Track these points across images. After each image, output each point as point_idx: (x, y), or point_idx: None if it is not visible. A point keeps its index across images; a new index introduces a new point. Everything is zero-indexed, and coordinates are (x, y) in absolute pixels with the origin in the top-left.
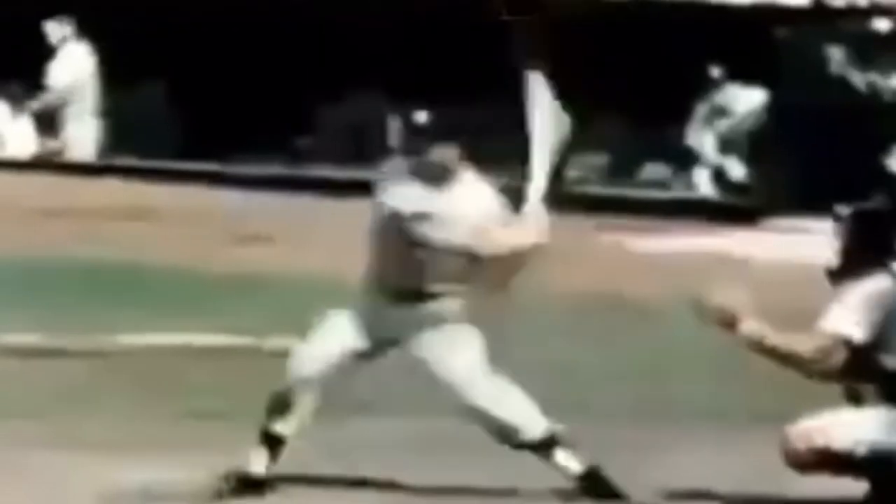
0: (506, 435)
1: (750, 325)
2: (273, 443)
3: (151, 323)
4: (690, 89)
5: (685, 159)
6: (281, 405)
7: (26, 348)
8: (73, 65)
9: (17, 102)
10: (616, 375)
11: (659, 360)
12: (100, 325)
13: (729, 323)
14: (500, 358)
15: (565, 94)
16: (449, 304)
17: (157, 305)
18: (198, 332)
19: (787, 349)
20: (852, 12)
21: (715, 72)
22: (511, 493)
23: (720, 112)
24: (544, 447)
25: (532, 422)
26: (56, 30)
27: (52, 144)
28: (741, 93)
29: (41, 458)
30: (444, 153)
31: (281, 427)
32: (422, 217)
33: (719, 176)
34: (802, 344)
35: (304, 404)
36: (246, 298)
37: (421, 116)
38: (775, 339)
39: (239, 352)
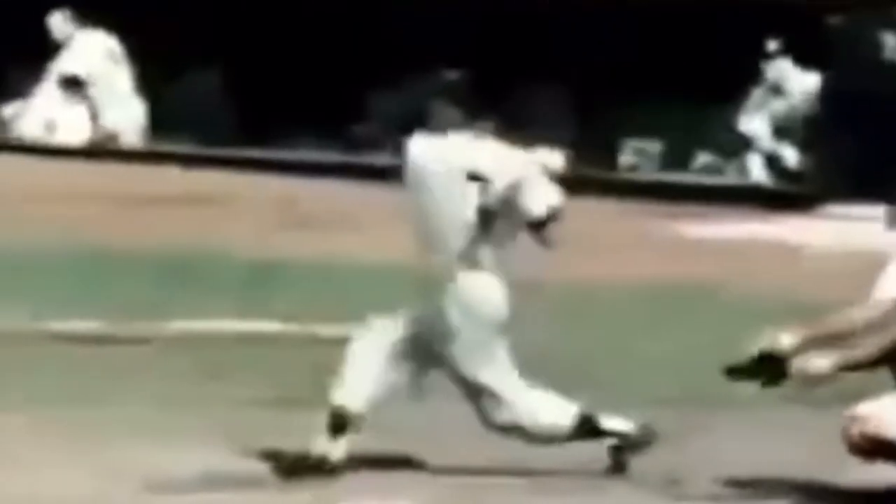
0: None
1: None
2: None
3: (208, 309)
4: (744, 75)
5: (738, 145)
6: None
7: (83, 335)
8: (86, 55)
9: (70, 91)
10: (671, 361)
11: (714, 345)
12: (156, 312)
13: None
14: (555, 344)
15: (615, 79)
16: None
17: (214, 292)
18: (255, 318)
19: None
20: None
21: (772, 45)
22: (564, 472)
23: (775, 90)
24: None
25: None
26: (60, 24)
27: (107, 131)
28: (795, 73)
29: (97, 444)
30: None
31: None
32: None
33: (772, 162)
34: (850, 321)
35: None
36: (302, 285)
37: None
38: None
39: (296, 338)
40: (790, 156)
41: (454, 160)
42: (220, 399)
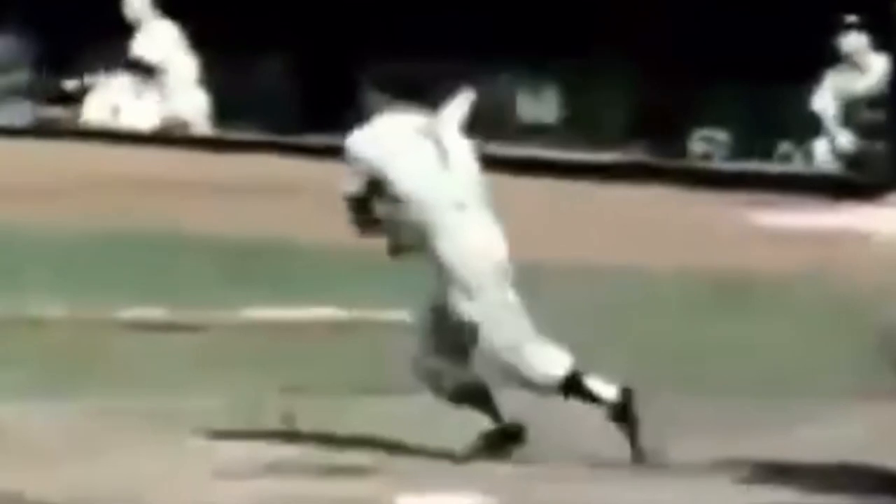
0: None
1: None
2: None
3: (275, 297)
4: (814, 60)
5: (808, 132)
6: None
7: (150, 323)
8: (158, 42)
9: (143, 77)
10: (740, 350)
11: (786, 334)
12: (223, 299)
13: None
14: (625, 331)
15: (686, 66)
16: None
17: (281, 279)
18: (321, 305)
19: None
20: None
21: (850, 18)
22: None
23: (850, 64)
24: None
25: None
26: (137, 5)
27: (177, 118)
28: (869, 52)
29: (162, 431)
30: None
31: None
32: None
33: (839, 150)
34: None
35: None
36: (368, 272)
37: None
38: None
39: (361, 325)
40: (855, 143)
41: (418, 126)
42: (287, 387)
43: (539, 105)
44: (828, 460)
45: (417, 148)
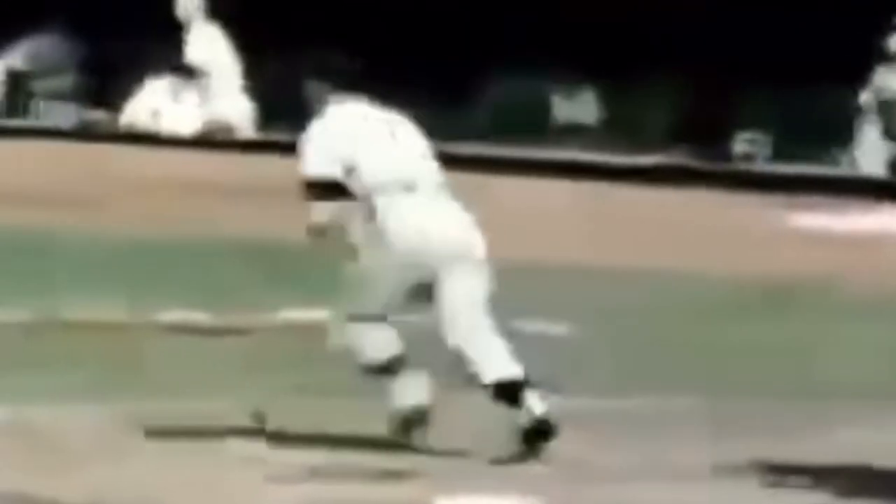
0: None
1: None
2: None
3: (314, 299)
4: (859, 63)
5: (850, 134)
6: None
7: (190, 326)
8: (207, 44)
9: (185, 80)
10: (783, 352)
11: (826, 336)
12: (262, 303)
13: None
14: (667, 334)
15: (730, 69)
16: None
17: (322, 281)
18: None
19: None
20: None
21: None
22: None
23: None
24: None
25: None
26: (188, 5)
27: (221, 121)
28: None
29: (209, 437)
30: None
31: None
32: None
33: (883, 153)
34: None
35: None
36: None
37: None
38: None
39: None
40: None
41: (370, 114)
42: (329, 389)
43: (575, 105)
44: (863, 463)
45: (376, 134)
